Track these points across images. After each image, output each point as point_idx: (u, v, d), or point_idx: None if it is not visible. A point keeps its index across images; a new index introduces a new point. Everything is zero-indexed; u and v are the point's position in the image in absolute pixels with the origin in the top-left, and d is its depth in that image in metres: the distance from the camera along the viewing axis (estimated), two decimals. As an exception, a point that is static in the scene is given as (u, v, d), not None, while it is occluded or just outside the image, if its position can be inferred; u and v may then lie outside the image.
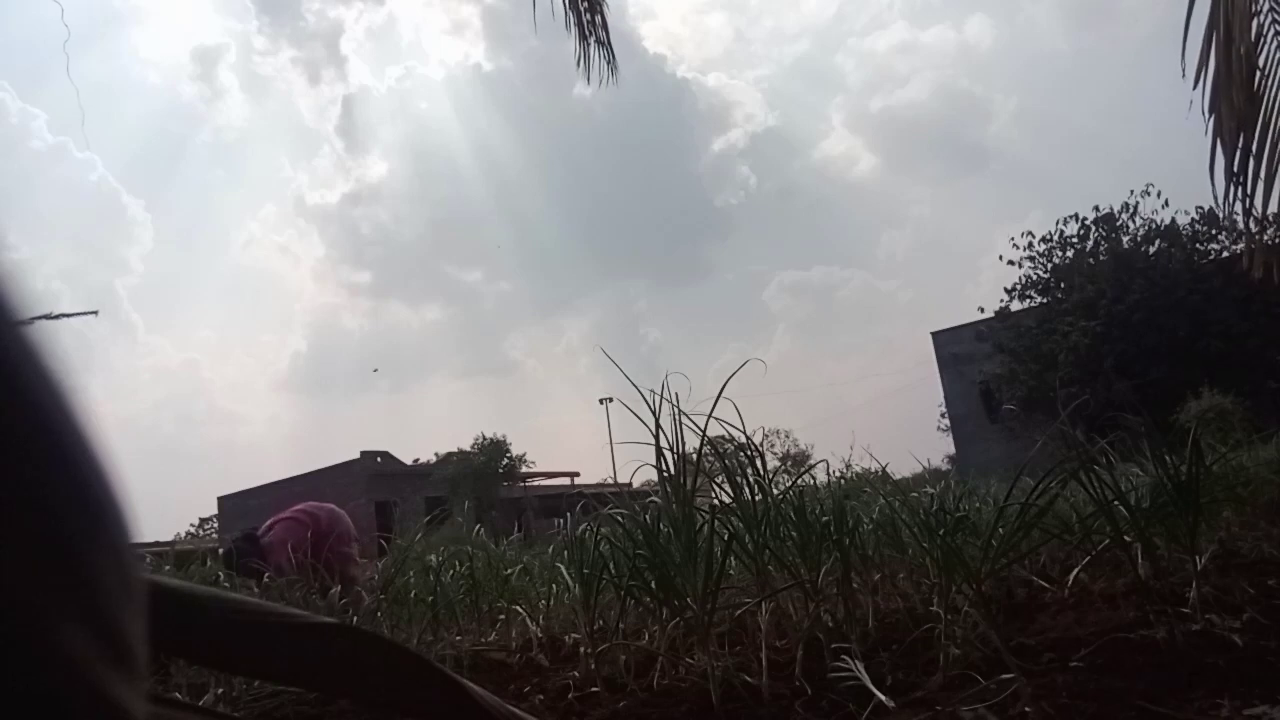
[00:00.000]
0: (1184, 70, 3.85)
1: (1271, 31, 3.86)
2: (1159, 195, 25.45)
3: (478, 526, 5.43)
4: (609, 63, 5.16)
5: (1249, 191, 3.75)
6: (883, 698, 1.77)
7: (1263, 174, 3.71)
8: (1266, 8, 3.82)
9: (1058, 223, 27.23)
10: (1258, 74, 3.73)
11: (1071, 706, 1.64)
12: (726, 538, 2.37)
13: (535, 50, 72.79)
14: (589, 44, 5.04)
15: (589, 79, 5.08)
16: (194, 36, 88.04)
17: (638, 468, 2.52)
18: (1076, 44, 75.72)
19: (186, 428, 72.53)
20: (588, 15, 5.00)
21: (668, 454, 2.38)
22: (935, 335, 30.92)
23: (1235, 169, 3.73)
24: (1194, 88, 3.85)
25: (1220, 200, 3.85)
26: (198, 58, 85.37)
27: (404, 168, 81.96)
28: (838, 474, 4.85)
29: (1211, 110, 3.78)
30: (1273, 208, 3.73)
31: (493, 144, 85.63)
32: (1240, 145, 3.67)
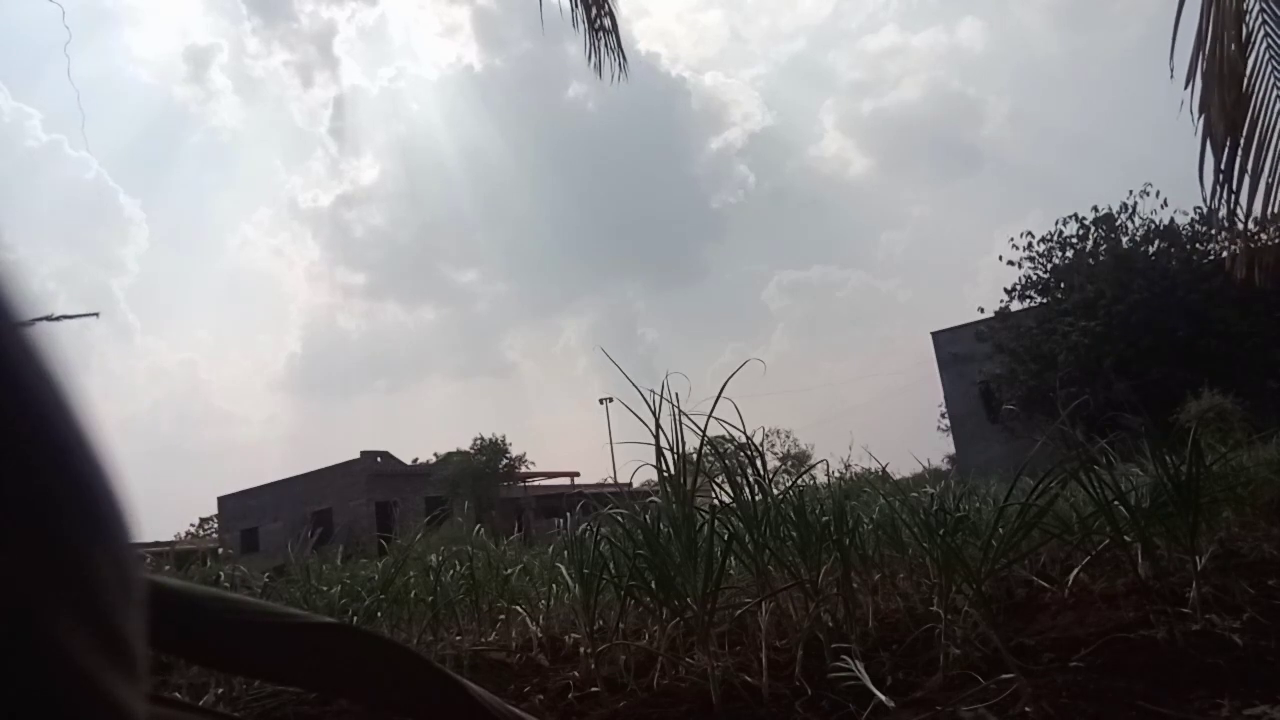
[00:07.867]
0: (1173, 71, 3.86)
1: (1261, 33, 3.86)
2: (1158, 195, 25.44)
3: (477, 526, 5.43)
4: (618, 60, 5.19)
5: (1235, 189, 3.76)
6: (883, 698, 1.77)
7: (1249, 172, 3.71)
8: (1256, 9, 3.82)
9: (1057, 223, 27.21)
10: (1246, 74, 3.73)
11: (1071, 706, 1.64)
12: (726, 538, 2.37)
13: (528, 52, 72.74)
14: (599, 42, 5.08)
15: (600, 74, 5.14)
16: (187, 36, 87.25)
17: (638, 468, 2.53)
18: (1068, 46, 75.63)
19: (184, 428, 72.38)
20: (595, 13, 5.02)
21: (668, 454, 2.38)
22: (935, 335, 30.89)
23: (1224, 168, 3.73)
24: (1185, 87, 3.85)
25: (1209, 200, 3.85)
26: (190, 59, 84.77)
27: (397, 169, 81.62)
28: (838, 474, 4.86)
29: (1202, 110, 3.79)
30: (1257, 209, 3.73)
31: (486, 145, 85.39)
32: (1229, 144, 3.67)
